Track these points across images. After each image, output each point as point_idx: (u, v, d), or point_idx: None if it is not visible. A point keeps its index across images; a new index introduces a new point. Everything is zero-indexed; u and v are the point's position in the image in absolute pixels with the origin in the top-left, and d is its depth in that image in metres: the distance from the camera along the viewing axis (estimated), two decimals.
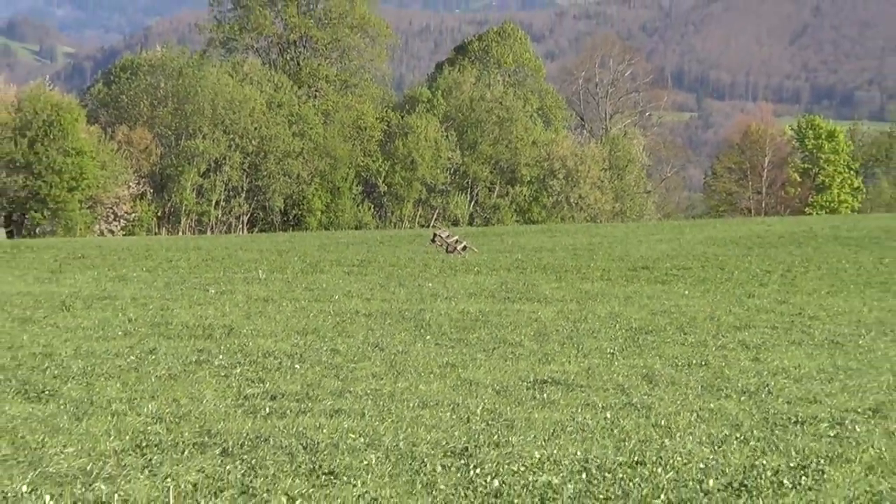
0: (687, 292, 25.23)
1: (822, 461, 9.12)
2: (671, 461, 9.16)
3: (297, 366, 14.35)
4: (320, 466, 9.06)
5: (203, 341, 16.73)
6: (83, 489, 8.32)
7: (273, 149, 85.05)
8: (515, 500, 7.98)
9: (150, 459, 9.36)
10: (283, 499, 8.08)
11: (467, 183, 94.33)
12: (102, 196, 78.43)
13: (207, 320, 19.27)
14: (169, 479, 8.59)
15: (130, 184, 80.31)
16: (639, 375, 13.73)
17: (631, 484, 8.44)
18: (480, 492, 8.26)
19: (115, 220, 79.95)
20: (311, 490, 8.35)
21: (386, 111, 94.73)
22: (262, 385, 12.99)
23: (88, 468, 9.03)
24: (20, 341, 16.51)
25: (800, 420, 10.93)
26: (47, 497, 8.07)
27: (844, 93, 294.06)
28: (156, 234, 79.75)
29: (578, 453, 9.47)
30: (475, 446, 9.77)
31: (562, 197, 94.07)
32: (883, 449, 9.60)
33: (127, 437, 10.19)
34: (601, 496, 8.12)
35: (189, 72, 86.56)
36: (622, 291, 25.44)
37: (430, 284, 26.95)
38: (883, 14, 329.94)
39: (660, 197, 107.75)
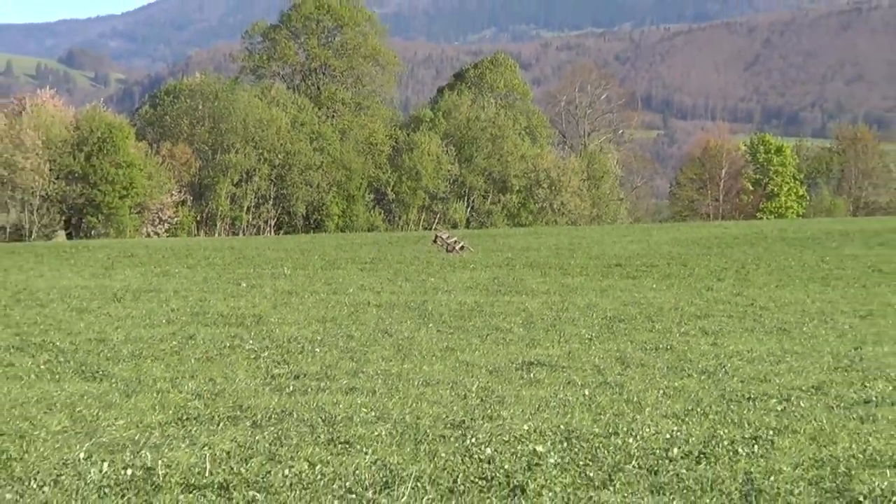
0: (654, 286, 25.20)
1: (771, 432, 9.12)
2: (641, 432, 9.17)
3: (317, 349, 14.35)
4: (337, 437, 9.06)
5: (236, 328, 16.74)
6: (132, 456, 8.33)
7: (296, 162, 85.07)
8: (506, 466, 7.99)
9: (190, 430, 9.37)
10: (305, 465, 8.09)
11: (464, 191, 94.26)
12: (149, 203, 78.45)
13: (240, 310, 19.26)
14: (206, 448, 8.60)
15: (173, 192, 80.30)
16: (613, 358, 13.73)
17: (606, 452, 8.45)
18: (475, 458, 8.26)
19: (159, 223, 79.93)
20: (329, 457, 8.36)
21: (394, 129, 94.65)
22: (286, 366, 12.99)
23: (136, 438, 9.04)
24: (77, 328, 16.52)
25: (752, 397, 10.94)
26: (102, 463, 8.08)
27: (790, 113, 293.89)
28: (195, 235, 79.67)
29: (561, 425, 9.47)
30: (471, 419, 9.77)
31: (546, 203, 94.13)
32: (824, 421, 9.61)
33: (170, 412, 10.21)
34: (580, 462, 8.13)
35: (224, 95, 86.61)
36: (598, 285, 25.42)
37: (432, 279, 26.92)
38: (824, 46, 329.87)
39: (631, 203, 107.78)
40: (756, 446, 8.63)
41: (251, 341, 15.12)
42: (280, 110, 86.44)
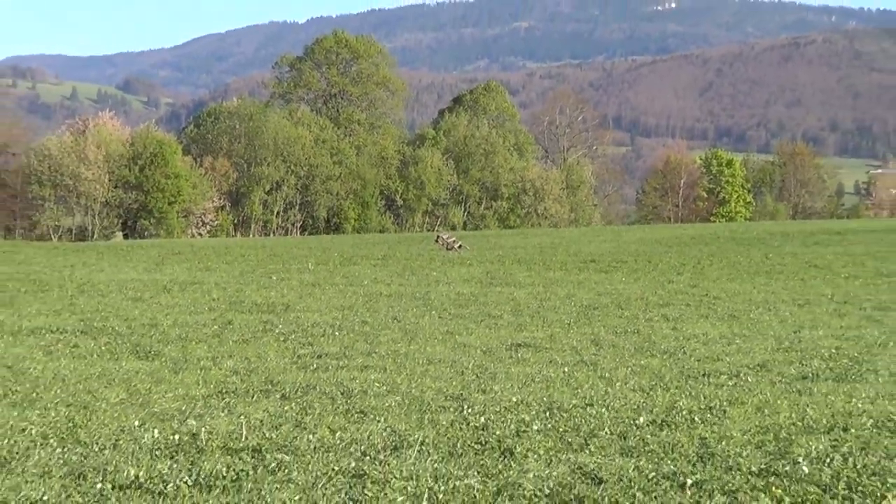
0: (623, 279, 25.21)
1: (723, 403, 9.13)
2: (612, 403, 9.18)
3: (336, 333, 14.36)
4: (354, 407, 9.07)
5: (267, 315, 16.75)
6: (179, 424, 8.34)
7: (318, 173, 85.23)
8: (497, 432, 7.99)
9: (228, 402, 9.38)
10: (327, 431, 8.09)
11: (462, 198, 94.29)
12: (193, 208, 78.62)
13: (270, 300, 19.27)
14: (242, 417, 8.61)
15: (213, 199, 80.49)
16: (588, 340, 13.73)
17: (582, 420, 8.45)
18: (471, 426, 8.26)
19: (202, 225, 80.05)
20: (346, 424, 8.36)
21: (402, 146, 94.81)
22: (310, 347, 13.00)
23: (183, 408, 9.05)
24: (133, 315, 16.53)
25: (707, 373, 10.94)
26: (153, 430, 8.08)
27: (739, 132, 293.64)
28: (232, 236, 79.75)
29: (544, 398, 9.48)
30: (467, 392, 9.78)
31: (531, 209, 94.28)
32: (768, 394, 9.62)
33: (211, 386, 10.21)
34: (560, 429, 8.13)
35: (257, 117, 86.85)
36: (576, 278, 25.43)
37: (434, 273, 26.93)
38: (767, 75, 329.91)
39: (603, 209, 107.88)
40: (710, 415, 8.64)
41: (280, 326, 15.13)
42: (305, 129, 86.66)
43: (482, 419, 8.47)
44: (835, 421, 8.35)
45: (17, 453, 7.40)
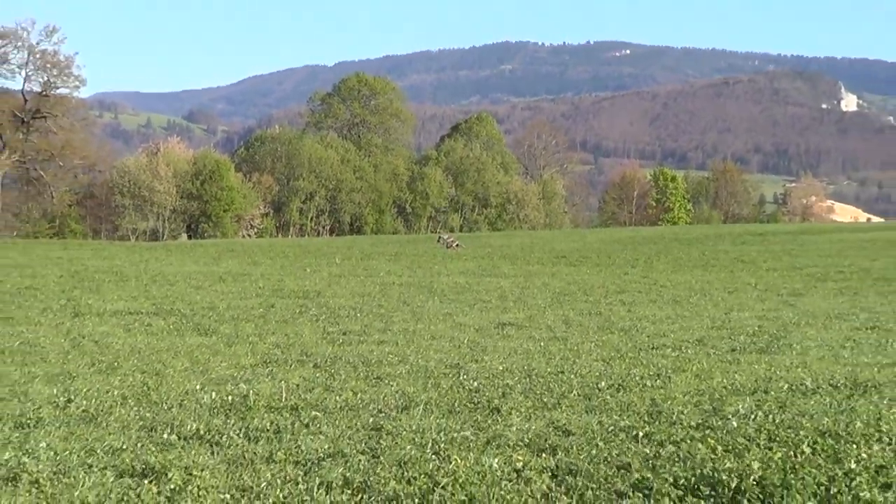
0: (588, 271, 25.25)
1: (668, 371, 9.13)
2: (579, 371, 9.18)
3: (357, 314, 14.37)
4: (372, 374, 9.07)
5: (302, 300, 16.76)
6: (232, 387, 8.34)
7: (344, 187, 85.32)
8: (487, 394, 7.99)
9: (271, 370, 9.38)
10: (350, 393, 8.09)
11: (459, 206, 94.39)
12: (243, 214, 78.69)
13: (305, 288, 19.29)
14: (282, 381, 8.61)
15: (259, 207, 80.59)
16: (560, 320, 13.74)
17: (555, 384, 8.45)
18: (466, 389, 8.26)
19: (250, 228, 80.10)
20: (366, 388, 8.37)
21: (410, 164, 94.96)
22: (337, 325, 13.01)
23: (235, 375, 9.05)
24: (195, 300, 16.53)
25: (655, 346, 10.95)
26: (211, 392, 8.08)
27: (681, 153, 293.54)
28: (274, 236, 79.79)
29: (524, 366, 9.48)
30: (463, 362, 9.78)
31: (514, 215, 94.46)
32: (704, 363, 9.60)
33: (257, 357, 10.22)
34: (538, 391, 8.13)
35: (294, 141, 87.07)
36: (550, 271, 25.46)
37: (437, 267, 26.97)
38: (703, 107, 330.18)
39: (572, 215, 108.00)
40: (658, 381, 8.63)
41: (313, 309, 15.15)
42: (333, 152, 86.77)
43: (475, 384, 8.47)
44: (758, 385, 8.36)
45: (102, 411, 7.40)
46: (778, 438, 6.30)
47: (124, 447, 6.31)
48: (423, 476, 5.50)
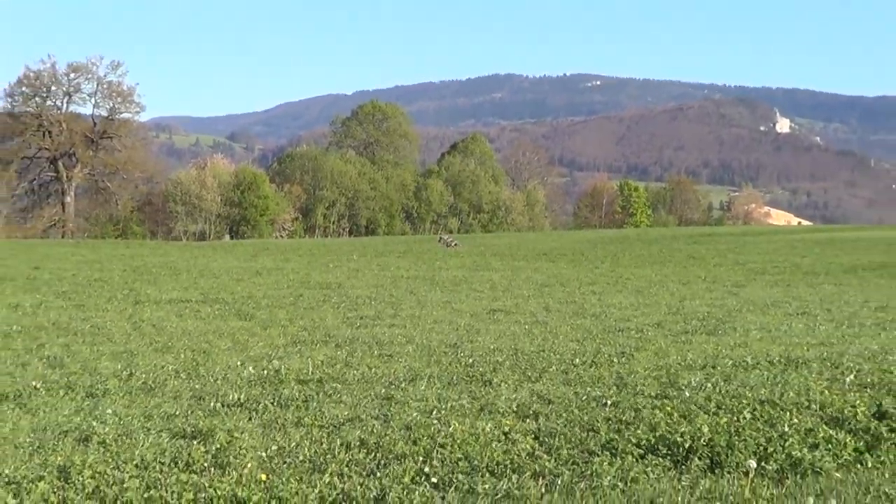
0: (565, 266, 25.24)
1: (632, 349, 9.13)
2: (557, 349, 9.18)
3: (372, 302, 14.37)
4: (384, 352, 9.07)
5: (326, 290, 16.76)
6: (267, 363, 8.34)
7: (360, 195, 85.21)
8: (480, 369, 7.99)
9: (300, 349, 9.38)
10: (366, 368, 8.09)
11: (456, 211, 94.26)
12: (276, 218, 78.56)
13: (328, 280, 19.30)
14: (309, 358, 8.61)
15: (290, 212, 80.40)
16: (541, 307, 13.75)
17: (537, 361, 8.45)
18: (463, 364, 8.26)
19: (283, 230, 79.91)
20: (379, 363, 8.37)
21: (416, 177, 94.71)
22: (355, 311, 13.00)
23: (269, 353, 9.05)
24: (236, 290, 16.51)
25: (620, 329, 10.94)
26: (249, 367, 8.08)
27: (642, 168, 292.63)
28: (302, 237, 79.69)
29: (512, 346, 9.48)
30: (461, 342, 9.78)
31: (503, 219, 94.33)
32: (662, 343, 9.63)
33: (288, 338, 10.22)
34: (523, 367, 8.13)
35: (319, 158, 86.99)
36: (533, 266, 25.46)
37: (438, 262, 26.97)
38: (661, 129, 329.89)
39: (551, 219, 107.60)
40: (622, 357, 8.63)
41: (335, 298, 15.14)
42: (351, 166, 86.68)
43: (470, 360, 8.46)
44: (707, 361, 8.35)
45: (158, 383, 7.40)
46: (724, 406, 6.29)
47: (177, 413, 6.31)
48: (426, 438, 5.50)
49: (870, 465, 5.22)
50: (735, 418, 5.86)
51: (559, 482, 4.75)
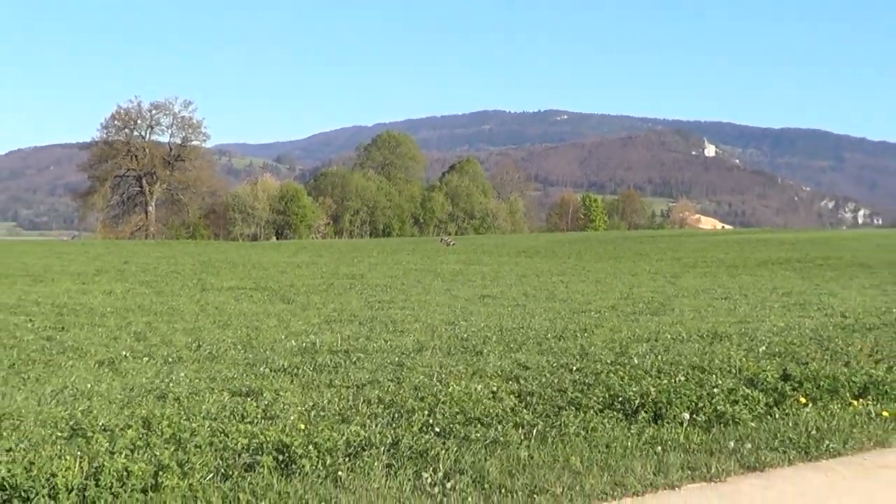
0: (540, 262, 25.19)
1: (592, 327, 9.10)
2: (534, 326, 9.15)
3: (388, 289, 14.34)
4: (397, 328, 9.04)
5: (351, 280, 16.72)
6: (305, 337, 8.31)
7: (378, 205, 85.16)
8: (473, 341, 7.97)
9: (332, 326, 9.35)
10: (382, 341, 8.06)
11: (454, 218, 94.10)
12: (313, 223, 78.50)
13: (353, 272, 19.26)
14: (338, 333, 8.58)
15: (323, 219, 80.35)
16: (521, 294, 13.71)
17: (518, 335, 8.43)
18: (459, 338, 8.24)
19: (318, 233, 79.80)
20: (393, 338, 8.34)
21: (422, 191, 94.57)
22: (374, 297, 12.97)
23: (307, 329, 9.02)
24: (281, 279, 16.45)
25: (583, 311, 10.91)
26: (291, 340, 8.05)
27: (601, 184, 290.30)
28: (333, 238, 79.60)
29: (497, 324, 9.45)
30: (458, 321, 9.75)
31: (490, 224, 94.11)
32: (615, 321, 9.60)
33: (321, 318, 10.19)
34: (507, 340, 8.10)
35: (347, 176, 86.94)
36: (515, 261, 25.42)
37: (440, 258, 26.92)
38: (615, 153, 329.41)
39: (528, 224, 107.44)
40: (584, 333, 8.60)
41: (358, 286, 15.12)
42: (371, 182, 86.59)
43: (465, 335, 8.44)
44: (650, 336, 8.33)
45: (220, 352, 7.38)
46: (664, 371, 6.28)
47: (234, 376, 6.29)
48: (430, 396, 5.48)
49: (777, 416, 5.24)
50: (673, 380, 5.84)
51: (535, 431, 4.75)
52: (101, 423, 4.72)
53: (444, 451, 4.30)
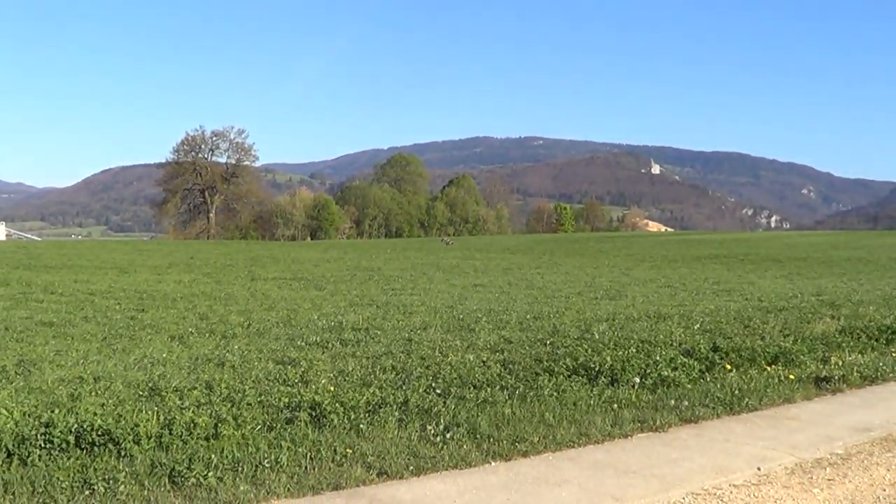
0: (521, 258, 25.10)
1: (562, 309, 9.04)
2: (516, 310, 9.09)
3: (399, 279, 14.29)
4: (406, 310, 8.98)
5: (370, 272, 16.67)
6: (333, 317, 8.27)
7: (392, 212, 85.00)
8: (468, 321, 7.93)
9: (354, 308, 9.30)
10: (396, 320, 8.02)
11: (453, 222, 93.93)
12: (339, 227, 78.31)
13: (371, 265, 19.20)
14: (360, 314, 8.50)
15: (348, 223, 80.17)
16: (506, 283, 13.67)
17: (503, 316, 8.37)
18: (457, 318, 8.20)
19: (343, 234, 79.62)
20: (403, 318, 8.29)
21: (427, 201, 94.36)
22: (388, 286, 12.93)
23: (334, 311, 8.96)
24: (313, 271, 16.41)
25: (555, 296, 10.86)
26: (323, 319, 8.01)
27: (569, 195, 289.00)
28: (355, 239, 79.48)
29: (487, 307, 9.39)
30: (455, 304, 9.71)
31: (481, 227, 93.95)
32: (581, 305, 9.52)
33: (346, 302, 10.13)
34: (496, 320, 8.06)
35: (366, 189, 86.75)
36: (501, 257, 25.34)
37: (440, 255, 26.83)
38: (580, 171, 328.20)
39: (511, 227, 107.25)
40: (556, 314, 8.54)
41: (376, 277, 15.07)
42: (386, 194, 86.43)
43: (461, 316, 8.39)
44: (609, 316, 8.29)
45: (266, 329, 7.36)
46: (619, 344, 6.27)
47: (277, 349, 6.28)
48: (434, 364, 5.47)
49: (708, 380, 5.27)
50: (626, 352, 5.84)
51: (517, 392, 4.76)
52: (172, 385, 4.72)
53: (444, 409, 4.30)
